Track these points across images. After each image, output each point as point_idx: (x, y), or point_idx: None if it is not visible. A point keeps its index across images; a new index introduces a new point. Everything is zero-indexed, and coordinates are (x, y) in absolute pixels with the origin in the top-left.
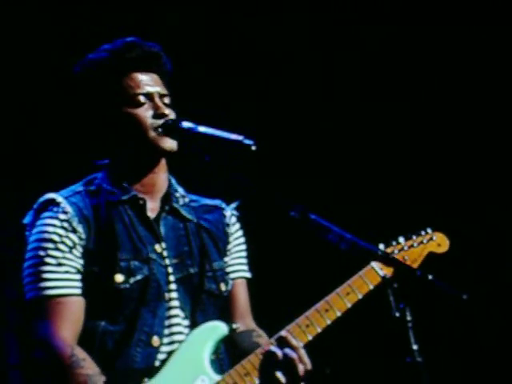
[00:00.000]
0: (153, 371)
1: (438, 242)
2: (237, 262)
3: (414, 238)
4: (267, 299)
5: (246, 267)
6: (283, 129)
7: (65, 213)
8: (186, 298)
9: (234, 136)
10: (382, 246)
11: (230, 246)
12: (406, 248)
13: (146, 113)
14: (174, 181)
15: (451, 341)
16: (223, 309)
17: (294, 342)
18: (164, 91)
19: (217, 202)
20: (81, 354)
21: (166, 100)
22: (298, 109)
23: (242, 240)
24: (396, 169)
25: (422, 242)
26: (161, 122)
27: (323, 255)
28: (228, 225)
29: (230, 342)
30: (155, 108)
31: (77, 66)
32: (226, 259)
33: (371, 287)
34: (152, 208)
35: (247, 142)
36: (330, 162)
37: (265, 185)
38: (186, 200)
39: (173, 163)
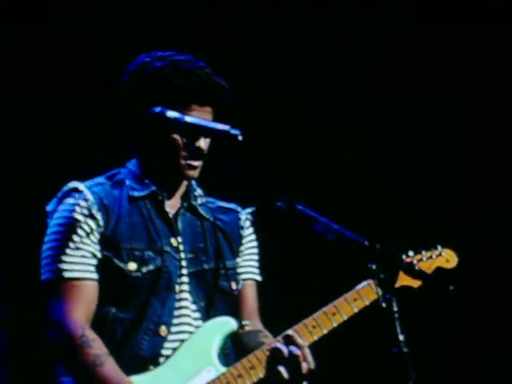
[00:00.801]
0: (158, 360)
1: (447, 258)
2: (248, 264)
3: (424, 252)
4: (274, 303)
5: (256, 270)
6: (270, 118)
7: (85, 200)
8: (198, 292)
9: (220, 126)
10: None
11: (242, 248)
12: (415, 261)
13: (185, 142)
14: (193, 181)
15: (438, 331)
16: (232, 307)
17: (299, 340)
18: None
19: (232, 206)
20: (91, 334)
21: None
22: (287, 97)
23: (255, 244)
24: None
25: (430, 257)
26: (194, 162)
27: (328, 262)
28: (242, 227)
29: (237, 341)
30: (195, 141)
31: (133, 65)
32: (237, 260)
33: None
34: (171, 204)
35: (233, 131)
36: (323, 154)
37: (252, 174)
38: (204, 200)
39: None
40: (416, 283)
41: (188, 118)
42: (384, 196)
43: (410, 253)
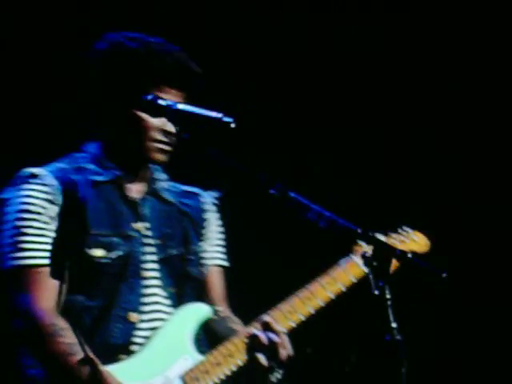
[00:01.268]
0: (130, 348)
1: (419, 242)
2: (213, 249)
3: (394, 236)
4: (243, 288)
5: (222, 255)
6: (264, 105)
7: (46, 185)
8: (168, 279)
9: (213, 113)
10: (362, 242)
11: (206, 231)
12: None
13: (155, 123)
14: (158, 166)
15: (431, 319)
16: (200, 293)
17: (277, 327)
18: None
19: (196, 190)
20: (62, 323)
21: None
22: (279, 85)
23: (220, 229)
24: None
25: (402, 241)
26: (163, 138)
27: (299, 244)
28: (205, 211)
29: (207, 328)
30: (164, 124)
31: (103, 43)
32: (202, 244)
33: (354, 280)
34: (136, 189)
35: (226, 119)
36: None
37: (244, 162)
38: (168, 185)
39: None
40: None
41: (180, 106)
42: (360, 177)
43: (379, 235)
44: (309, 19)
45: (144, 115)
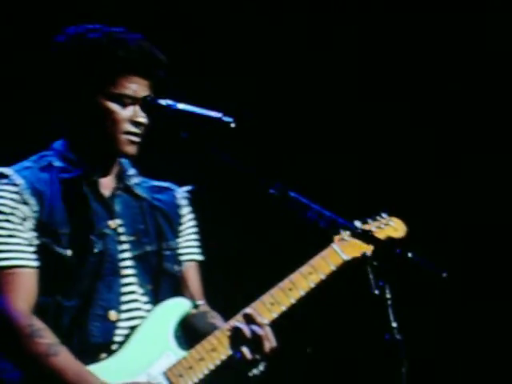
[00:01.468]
0: (111, 347)
1: (395, 227)
2: (188, 244)
3: (371, 222)
4: (219, 282)
5: (197, 250)
6: (263, 105)
7: (15, 185)
8: (144, 276)
9: (212, 113)
10: (340, 230)
11: (181, 228)
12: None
13: (124, 114)
14: (126, 161)
15: (430, 318)
16: (177, 289)
17: (259, 318)
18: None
19: (167, 184)
20: (39, 324)
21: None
22: (280, 84)
23: (194, 223)
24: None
25: (379, 227)
26: (133, 129)
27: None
28: (179, 206)
29: (185, 323)
30: (134, 115)
31: (72, 33)
32: (178, 240)
33: (333, 268)
34: (106, 185)
35: (226, 119)
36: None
37: (244, 162)
38: (139, 180)
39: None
40: (363, 250)
41: (180, 105)
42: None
43: (357, 223)
44: (308, 19)
45: (113, 106)
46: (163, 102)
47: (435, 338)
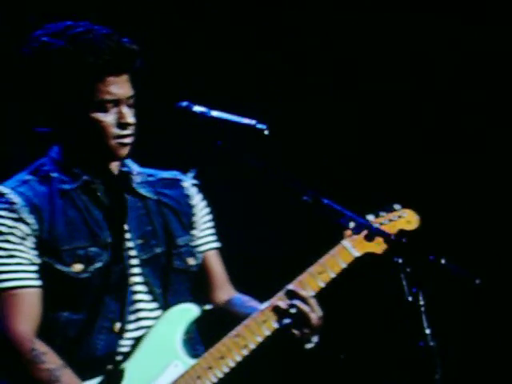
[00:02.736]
0: (116, 358)
1: (408, 219)
2: (205, 233)
3: (384, 214)
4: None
5: (214, 237)
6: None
7: (12, 203)
8: (154, 279)
9: (246, 120)
10: (351, 224)
11: (196, 218)
12: (377, 225)
13: (110, 120)
14: (126, 160)
15: (464, 325)
16: (198, 284)
17: (303, 292)
18: (131, 92)
19: (174, 174)
20: (42, 347)
21: (131, 101)
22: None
23: (207, 210)
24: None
25: (391, 220)
26: (123, 132)
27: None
28: (189, 196)
29: (222, 313)
30: (120, 116)
31: (36, 41)
32: (194, 232)
33: (344, 266)
34: (107, 191)
35: (260, 126)
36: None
37: (277, 169)
38: (143, 177)
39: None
40: (380, 249)
41: (214, 113)
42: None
43: (370, 217)
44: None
45: (96, 115)
46: (197, 109)
47: (469, 345)
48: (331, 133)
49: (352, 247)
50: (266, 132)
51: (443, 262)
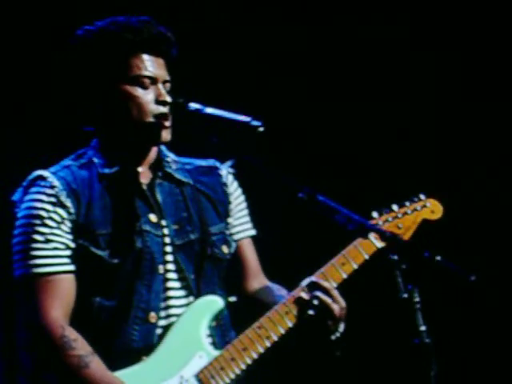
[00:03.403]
0: (151, 348)
1: (432, 209)
2: (240, 221)
3: (408, 204)
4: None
5: (249, 225)
6: (289, 109)
7: (52, 187)
8: (188, 265)
9: (241, 117)
10: (375, 214)
11: (231, 207)
12: (399, 215)
13: (148, 97)
14: (163, 147)
15: (460, 322)
16: (232, 271)
17: (326, 284)
18: (167, 77)
19: (211, 162)
20: (72, 334)
21: (168, 86)
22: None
23: (242, 198)
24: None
25: (415, 209)
26: (161, 109)
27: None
28: (226, 184)
29: (253, 302)
30: (158, 94)
31: (81, 30)
32: (229, 220)
33: (366, 257)
34: (145, 176)
35: (255, 123)
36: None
37: (272, 166)
38: (180, 164)
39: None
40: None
41: (209, 110)
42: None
43: (394, 207)
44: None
45: (134, 90)
46: (193, 106)
47: (464, 342)
48: (331, 132)
49: (375, 238)
50: (261, 129)
51: (438, 258)
